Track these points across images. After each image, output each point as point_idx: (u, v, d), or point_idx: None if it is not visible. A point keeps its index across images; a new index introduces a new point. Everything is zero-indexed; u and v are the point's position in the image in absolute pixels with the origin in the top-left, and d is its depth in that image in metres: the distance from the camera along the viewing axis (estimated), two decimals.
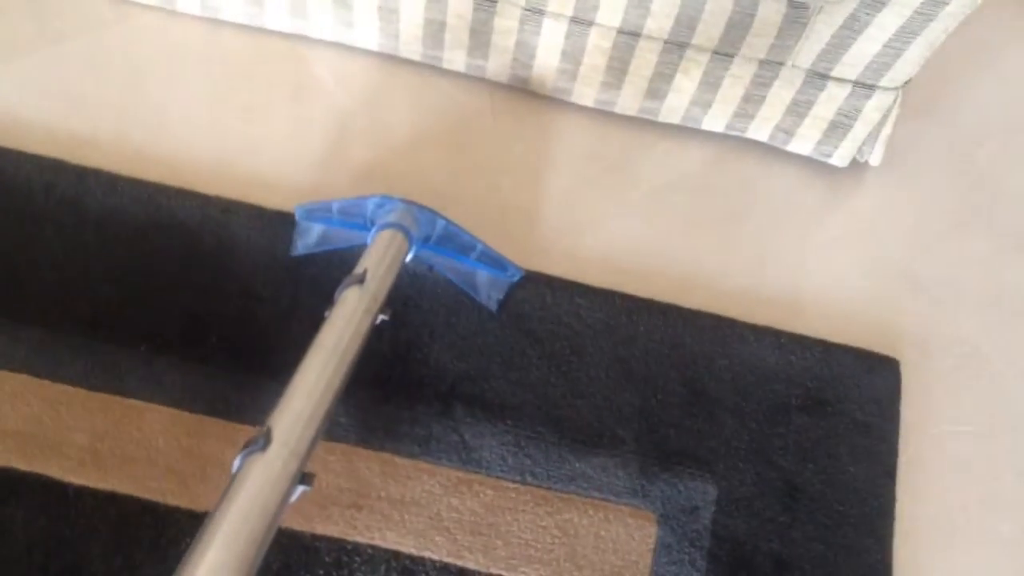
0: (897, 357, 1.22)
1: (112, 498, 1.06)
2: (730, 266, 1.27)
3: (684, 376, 1.19)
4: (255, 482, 0.76)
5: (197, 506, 1.06)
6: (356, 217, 1.15)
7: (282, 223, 1.21)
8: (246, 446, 0.78)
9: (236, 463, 0.77)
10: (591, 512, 1.10)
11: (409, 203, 1.10)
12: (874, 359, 1.22)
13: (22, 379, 1.10)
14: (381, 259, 1.02)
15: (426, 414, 1.12)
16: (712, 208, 1.32)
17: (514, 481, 1.11)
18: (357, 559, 1.05)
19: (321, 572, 1.04)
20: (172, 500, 1.06)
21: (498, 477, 1.11)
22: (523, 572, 1.07)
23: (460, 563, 1.06)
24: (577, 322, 1.21)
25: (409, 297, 1.17)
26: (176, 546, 1.03)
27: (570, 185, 1.31)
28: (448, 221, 1.11)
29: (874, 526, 1.13)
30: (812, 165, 1.35)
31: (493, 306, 1.19)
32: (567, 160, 1.33)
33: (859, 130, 1.26)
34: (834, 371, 1.20)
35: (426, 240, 1.13)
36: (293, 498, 0.79)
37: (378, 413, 1.12)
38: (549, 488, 1.11)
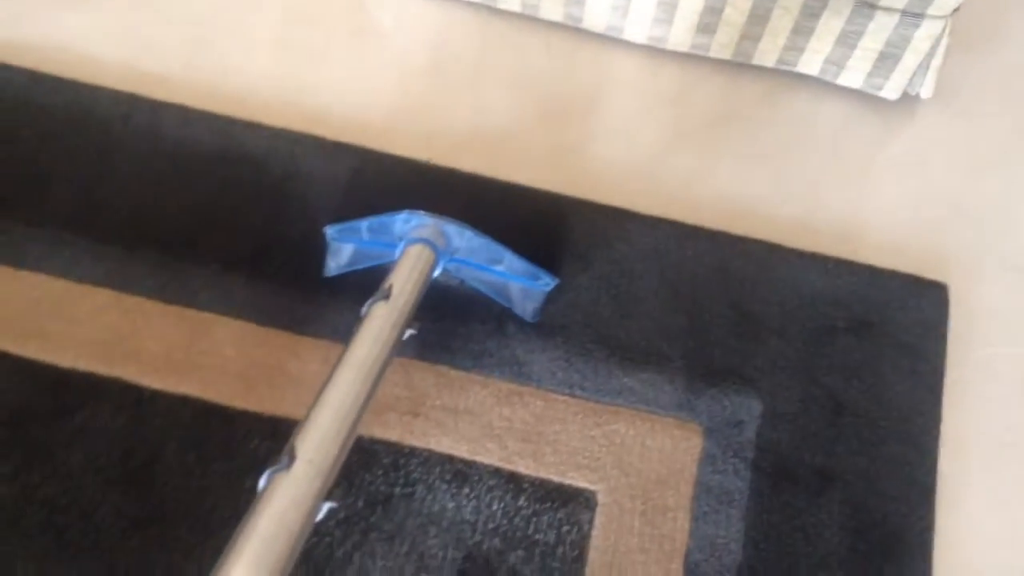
0: (945, 282, 1.25)
1: (185, 401, 1.13)
2: (780, 196, 1.31)
3: (731, 298, 1.23)
4: (280, 501, 0.76)
5: (263, 409, 1.13)
6: (385, 235, 1.13)
7: (342, 154, 1.28)
8: (271, 465, 0.78)
9: (262, 482, 0.77)
10: (638, 423, 1.15)
11: (436, 217, 1.09)
12: (922, 283, 1.25)
13: (103, 293, 1.18)
14: (408, 274, 1.03)
15: (480, 331, 1.18)
16: (763, 141, 1.36)
17: (563, 394, 1.16)
18: (413, 461, 1.12)
19: (380, 472, 1.11)
20: (240, 404, 1.13)
21: (548, 390, 1.17)
22: (571, 477, 1.12)
23: (510, 467, 1.12)
24: (627, 247, 1.26)
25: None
26: (243, 445, 1.10)
27: (623, 120, 1.36)
28: (475, 232, 1.09)
29: (919, 442, 1.15)
30: (864, 99, 1.38)
31: (529, 317, 1.18)
32: (620, 96, 1.37)
33: (909, 61, 1.29)
34: (881, 295, 1.23)
35: (454, 253, 1.13)
36: (319, 516, 0.79)
37: (434, 329, 1.19)
38: (597, 401, 1.16)
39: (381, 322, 0.95)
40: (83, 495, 1.06)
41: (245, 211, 1.24)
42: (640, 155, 1.31)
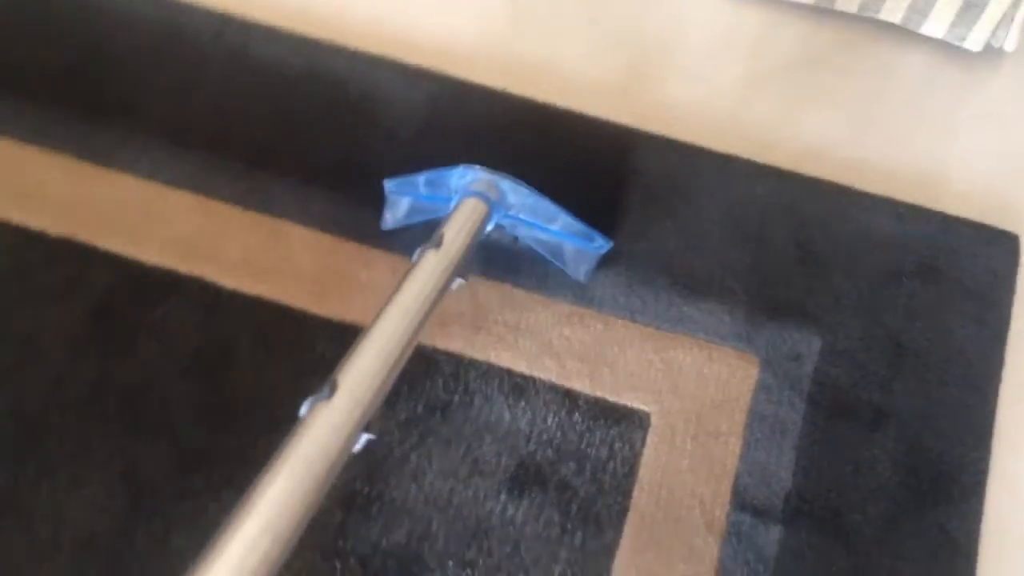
0: (1017, 233, 1.23)
1: (259, 302, 1.18)
2: (856, 142, 1.30)
3: (798, 237, 1.23)
4: (320, 427, 0.78)
5: (332, 315, 1.17)
6: (441, 189, 1.14)
7: (421, 79, 1.32)
8: (312, 394, 0.80)
9: (303, 409, 0.79)
10: (695, 351, 1.17)
11: (492, 172, 1.09)
12: (993, 232, 1.24)
13: (187, 196, 1.24)
14: (460, 225, 1.03)
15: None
16: (843, 88, 1.35)
17: (623, 318, 1.18)
18: (473, 373, 1.15)
19: (440, 381, 1.14)
20: (311, 308, 1.18)
21: (609, 314, 1.19)
22: (626, 398, 1.14)
23: (567, 385, 1.14)
24: (695, 181, 1.27)
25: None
26: (311, 347, 1.15)
27: (701, 60, 1.37)
28: (531, 190, 1.09)
29: (978, 386, 1.15)
30: (946, 49, 1.36)
31: (581, 277, 1.18)
32: (699, 37, 1.38)
33: (993, 11, 1.27)
34: (951, 242, 1.23)
35: (509, 209, 1.13)
36: (357, 446, 0.81)
37: (499, 250, 1.22)
38: (657, 327, 1.18)
39: (430, 268, 0.97)
40: (159, 383, 1.11)
41: (325, 128, 1.28)
42: (716, 95, 1.32)
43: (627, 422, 1.12)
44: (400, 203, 1.19)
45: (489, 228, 1.10)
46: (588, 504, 1.07)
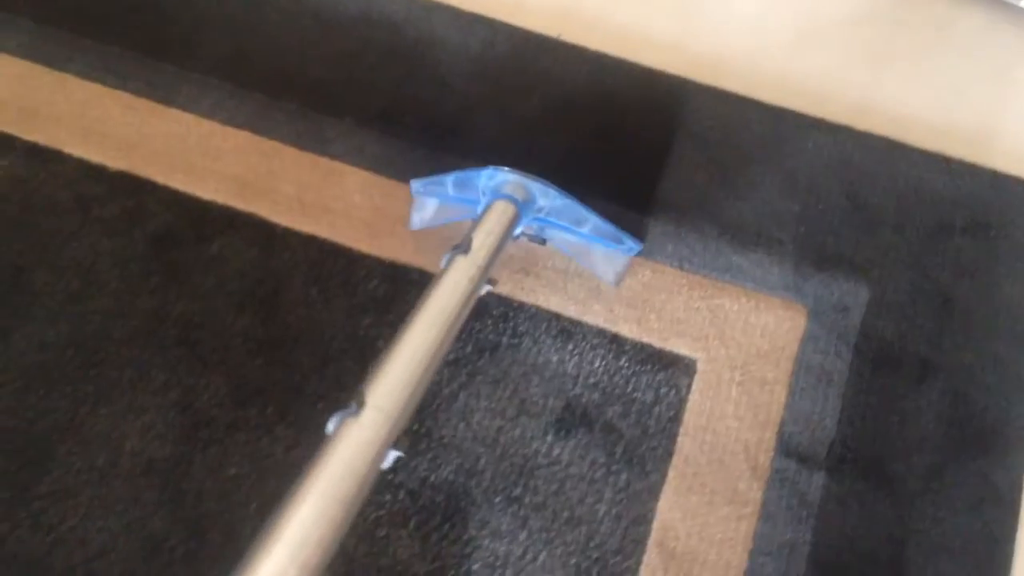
0: None
1: (312, 240, 1.19)
2: (909, 98, 1.29)
3: (848, 190, 1.23)
4: (348, 445, 0.75)
5: (384, 255, 1.18)
6: (469, 190, 1.12)
7: (475, 25, 1.33)
8: (339, 409, 0.78)
9: (330, 425, 0.77)
10: (743, 300, 1.17)
11: (521, 174, 1.06)
12: None
13: (244, 135, 1.25)
14: (489, 230, 1.01)
15: (595, 200, 1.21)
16: (898, 43, 1.34)
17: (672, 266, 1.18)
18: (521, 315, 1.16)
19: (489, 322, 1.15)
20: (363, 247, 1.19)
21: (657, 261, 1.19)
22: (673, 344, 1.14)
23: (614, 329, 1.15)
24: (747, 133, 1.27)
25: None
26: (363, 285, 1.16)
27: (755, 12, 1.35)
28: (560, 192, 1.06)
29: None
30: (1003, 7, 1.34)
31: (611, 280, 1.15)
32: None
33: None
34: (1002, 198, 1.22)
35: (538, 212, 1.11)
36: (386, 464, 0.78)
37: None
38: (705, 276, 1.18)
39: (459, 276, 0.94)
40: (215, 315, 1.13)
41: (379, 72, 1.28)
42: (769, 48, 1.31)
43: (673, 368, 1.12)
44: (427, 204, 1.17)
45: (518, 231, 1.07)
46: (633, 446, 1.08)
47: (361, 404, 0.78)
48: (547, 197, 1.08)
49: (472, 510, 1.04)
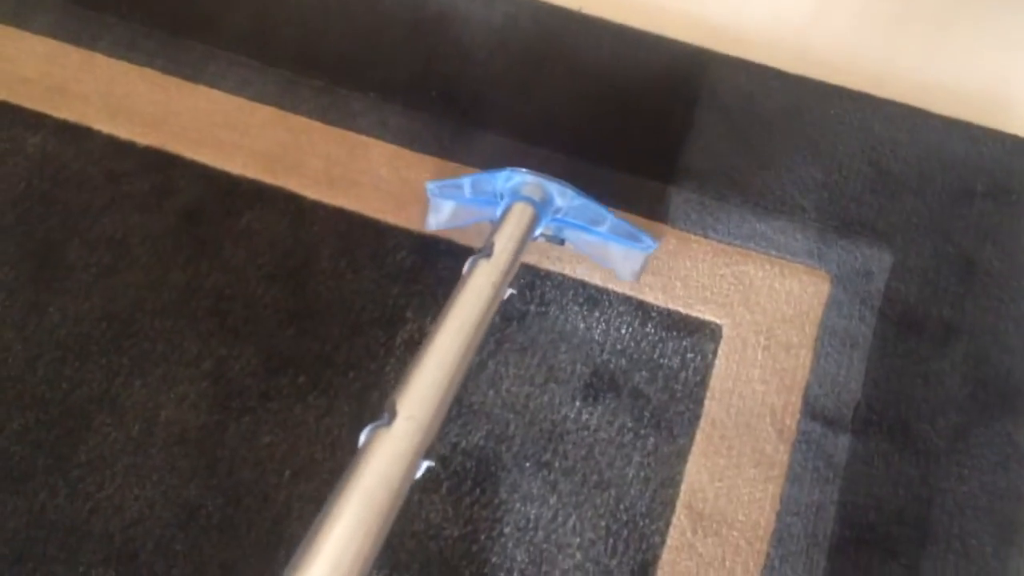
0: None
1: (340, 212, 1.20)
2: (929, 64, 1.29)
3: (870, 157, 1.23)
4: (381, 457, 0.75)
5: (411, 226, 1.19)
6: (486, 193, 1.11)
7: None
8: (371, 420, 0.78)
9: (362, 437, 0.77)
10: (767, 267, 1.17)
11: (538, 175, 1.06)
12: None
13: (271, 111, 1.26)
14: (510, 234, 1.00)
15: (619, 172, 1.22)
16: (915, 10, 1.34)
17: (696, 234, 1.19)
18: (548, 283, 1.17)
19: (518, 290, 1.16)
20: (390, 219, 1.20)
21: (681, 229, 1.19)
22: (698, 310, 1.15)
23: (640, 297, 1.16)
24: (768, 103, 1.27)
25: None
26: (391, 256, 1.17)
27: None
28: (577, 192, 1.06)
29: None
30: None
31: (629, 277, 1.14)
32: None
33: None
34: (1023, 163, 1.22)
35: (556, 212, 1.09)
36: (418, 473, 0.77)
37: (574, 165, 1.23)
38: (729, 243, 1.19)
39: (483, 281, 0.94)
40: (246, 287, 1.14)
41: (404, 46, 1.29)
42: (789, 18, 1.31)
43: (699, 333, 1.13)
44: (443, 206, 1.15)
45: (537, 232, 1.06)
46: (660, 411, 1.09)
47: (393, 415, 0.78)
48: (564, 197, 1.07)
49: (503, 475, 1.05)
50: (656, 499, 1.05)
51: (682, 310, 1.14)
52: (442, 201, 1.15)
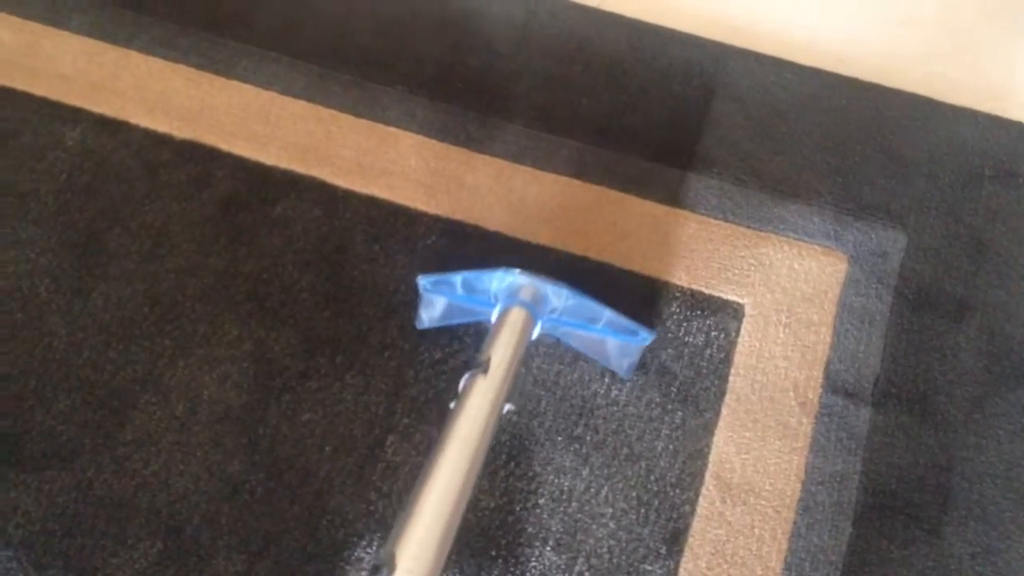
0: None
1: (372, 200, 1.22)
2: (936, 55, 1.31)
3: (882, 144, 1.26)
4: None
5: (441, 212, 1.21)
6: (479, 292, 1.07)
7: None
8: (372, 573, 0.76)
9: None
10: (786, 248, 1.20)
11: (533, 276, 1.02)
12: None
13: (301, 104, 1.28)
14: (506, 343, 0.97)
15: (639, 160, 1.24)
16: (922, 3, 1.36)
17: (716, 218, 1.22)
18: (575, 268, 1.19)
19: (545, 274, 1.18)
20: (420, 206, 1.22)
21: (702, 214, 1.22)
22: (720, 290, 1.17)
23: (663, 278, 1.18)
24: (782, 92, 1.30)
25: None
26: (422, 241, 1.19)
27: None
28: (573, 291, 1.02)
29: None
30: None
31: (624, 372, 1.11)
32: None
33: None
34: None
35: (552, 313, 1.06)
36: None
37: (596, 154, 1.25)
38: (748, 227, 1.21)
39: (480, 400, 0.90)
40: (283, 272, 1.16)
41: (429, 41, 1.32)
42: (800, 12, 1.34)
43: (722, 313, 1.15)
44: (436, 302, 1.11)
45: (534, 337, 1.02)
46: (687, 386, 1.11)
47: (392, 567, 0.74)
48: (560, 297, 1.03)
49: (536, 449, 1.07)
50: (685, 470, 1.07)
51: (705, 290, 1.16)
52: (434, 297, 1.10)
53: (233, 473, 1.05)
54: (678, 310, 1.14)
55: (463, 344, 1.12)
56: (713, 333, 1.13)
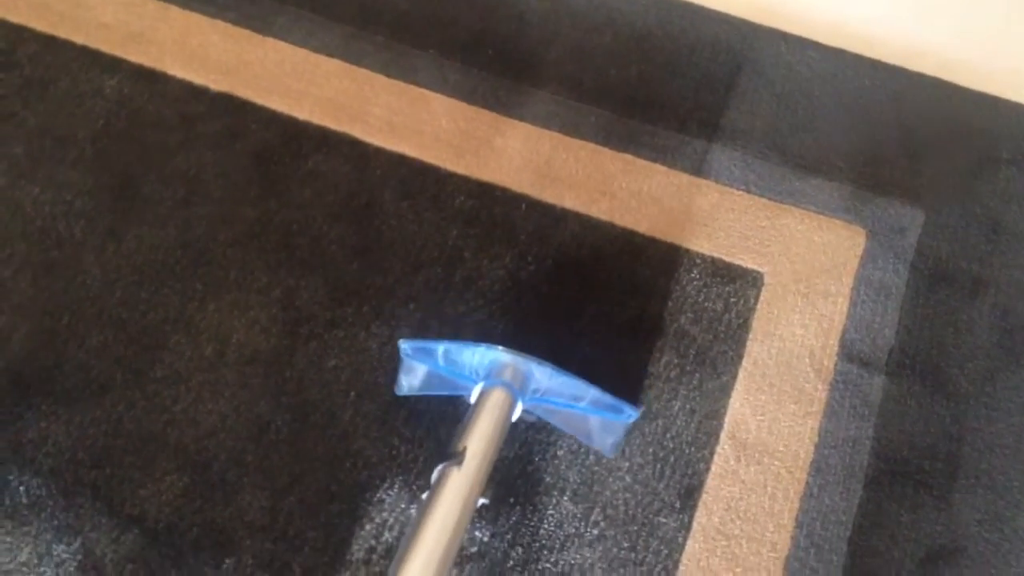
0: None
1: (402, 159, 1.24)
2: (957, 41, 1.33)
3: (902, 125, 1.28)
4: None
5: (470, 173, 1.23)
6: (460, 365, 1.02)
7: None
8: None
9: None
10: (806, 221, 1.22)
11: (515, 355, 0.96)
12: None
13: (336, 63, 1.30)
14: (483, 432, 0.92)
15: (665, 130, 1.27)
16: None
17: (738, 189, 1.24)
18: (598, 232, 1.21)
19: (567, 237, 1.20)
20: (449, 166, 1.24)
21: (724, 184, 1.24)
22: (740, 259, 1.20)
23: (685, 245, 1.20)
24: (807, 71, 1.32)
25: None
26: (450, 200, 1.21)
27: None
28: (557, 370, 0.96)
29: None
30: None
31: (608, 451, 1.06)
32: None
33: None
34: None
35: (535, 393, 1.00)
36: None
37: (623, 123, 1.27)
38: (770, 199, 1.24)
39: (452, 496, 0.86)
40: (313, 223, 1.18)
41: (462, 7, 1.34)
42: None
43: (741, 280, 1.17)
44: (416, 369, 1.05)
45: (514, 418, 0.97)
46: (705, 349, 1.13)
47: None
48: (544, 376, 0.97)
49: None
50: (701, 430, 1.09)
51: (725, 258, 1.18)
52: (415, 364, 1.05)
53: (260, 413, 1.07)
54: (698, 276, 1.16)
55: (486, 300, 1.13)
56: (732, 300, 1.15)
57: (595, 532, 1.02)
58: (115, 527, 1.00)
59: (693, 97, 1.28)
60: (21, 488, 1.02)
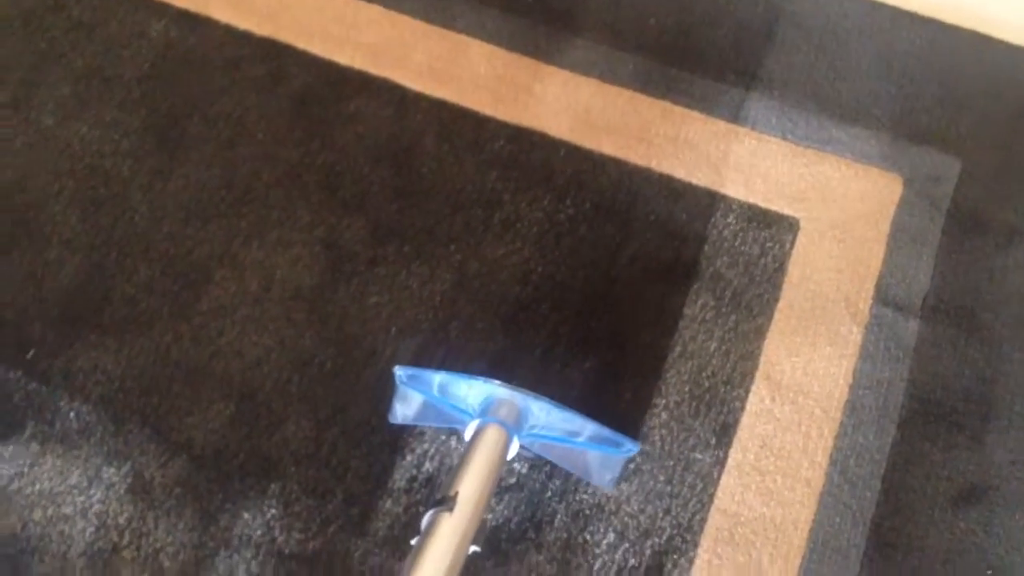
0: None
1: (441, 103, 1.26)
2: None
3: (938, 76, 1.28)
4: None
5: (508, 118, 1.25)
6: (455, 397, 0.99)
7: None
8: None
9: None
10: (843, 168, 1.23)
11: (512, 390, 0.93)
12: None
13: (377, 9, 1.32)
14: (476, 475, 0.86)
15: (703, 78, 1.27)
16: None
17: (776, 137, 1.25)
18: (636, 177, 1.22)
19: (606, 182, 1.22)
20: (487, 111, 1.25)
21: (762, 132, 1.25)
22: (777, 205, 1.20)
23: (722, 191, 1.21)
24: (844, 21, 1.32)
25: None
26: (489, 144, 1.22)
27: None
28: (555, 405, 0.93)
29: None
30: None
31: (607, 486, 1.03)
32: None
33: None
34: None
35: (532, 429, 0.97)
36: None
37: (661, 71, 1.28)
38: (807, 147, 1.24)
39: (444, 544, 0.80)
40: (354, 165, 1.20)
41: None
42: None
43: (777, 226, 1.18)
44: (412, 398, 1.03)
45: (511, 456, 0.93)
46: (740, 292, 1.15)
47: None
48: (541, 411, 0.95)
49: None
50: (736, 370, 1.10)
51: (762, 204, 1.19)
52: (410, 392, 1.03)
53: (304, 347, 1.09)
54: (734, 221, 1.18)
55: (525, 242, 1.15)
56: (768, 244, 1.16)
57: (631, 466, 1.04)
58: (163, 452, 1.03)
59: (731, 46, 1.28)
60: (72, 414, 1.04)
